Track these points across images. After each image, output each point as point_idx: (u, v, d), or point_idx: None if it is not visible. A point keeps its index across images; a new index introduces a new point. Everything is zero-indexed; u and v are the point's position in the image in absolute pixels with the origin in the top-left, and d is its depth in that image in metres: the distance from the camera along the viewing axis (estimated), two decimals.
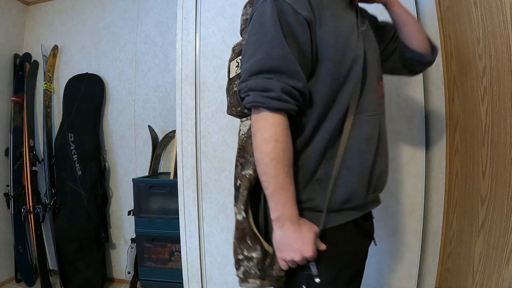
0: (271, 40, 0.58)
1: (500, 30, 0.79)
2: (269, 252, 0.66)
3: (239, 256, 0.69)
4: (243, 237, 0.68)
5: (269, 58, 0.58)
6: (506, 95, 0.78)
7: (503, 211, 0.79)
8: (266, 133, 0.57)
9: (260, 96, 0.57)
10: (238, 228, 0.68)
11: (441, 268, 1.17)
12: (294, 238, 0.60)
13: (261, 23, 0.60)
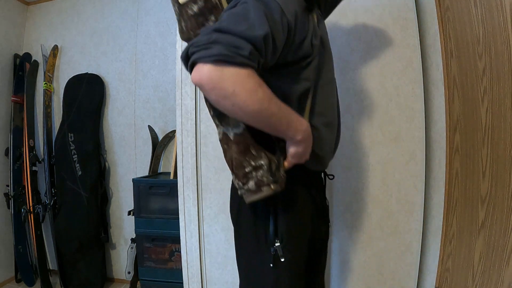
0: (253, 20, 0.56)
1: (500, 30, 0.79)
2: (271, 158, 0.69)
3: (246, 169, 0.68)
4: (247, 149, 0.68)
5: (250, 29, 0.55)
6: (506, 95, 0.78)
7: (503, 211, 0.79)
8: (248, 84, 0.55)
9: (228, 50, 0.53)
10: (239, 142, 0.68)
11: (441, 268, 1.17)
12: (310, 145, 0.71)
13: (245, 8, 0.59)
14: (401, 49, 1.29)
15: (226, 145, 0.72)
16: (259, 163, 0.67)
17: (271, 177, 0.67)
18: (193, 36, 0.69)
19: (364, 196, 1.32)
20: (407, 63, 1.29)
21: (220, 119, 0.72)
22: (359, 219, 1.33)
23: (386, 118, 1.31)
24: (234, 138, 0.69)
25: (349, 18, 1.32)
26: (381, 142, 1.31)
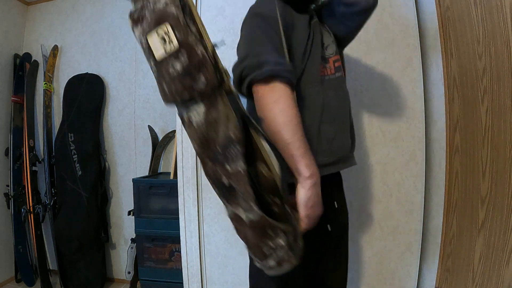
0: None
1: (500, 30, 0.79)
2: (288, 231, 0.64)
3: (266, 251, 0.64)
4: (263, 231, 0.62)
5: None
6: (506, 95, 0.78)
7: (503, 211, 0.79)
8: (284, 103, 0.65)
9: (276, 68, 0.64)
10: (255, 227, 0.63)
11: (441, 268, 1.17)
12: (319, 194, 0.67)
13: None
14: (401, 49, 1.29)
15: (237, 224, 0.67)
16: (278, 243, 0.62)
17: (291, 253, 0.63)
18: (180, 100, 0.59)
19: (364, 196, 1.32)
20: (407, 63, 1.28)
21: (228, 199, 0.67)
22: (359, 219, 1.33)
23: (386, 118, 1.31)
24: (250, 224, 0.64)
25: None
26: (381, 142, 1.31)
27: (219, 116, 0.60)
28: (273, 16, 0.72)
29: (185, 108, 0.61)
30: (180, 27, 0.58)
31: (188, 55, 0.57)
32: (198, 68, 0.57)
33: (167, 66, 0.58)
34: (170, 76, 0.58)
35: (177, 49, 0.57)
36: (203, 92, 0.58)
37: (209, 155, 0.64)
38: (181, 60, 0.57)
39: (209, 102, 0.59)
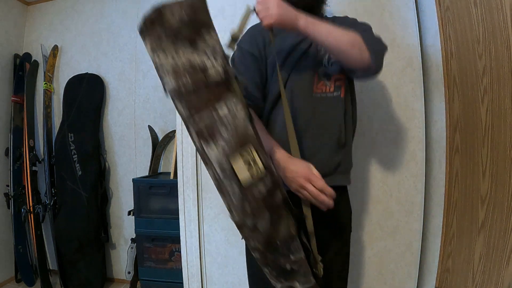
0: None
1: (500, 30, 0.79)
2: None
3: None
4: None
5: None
6: (506, 95, 0.78)
7: (503, 211, 0.79)
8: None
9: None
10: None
11: (441, 268, 1.17)
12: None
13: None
14: (401, 49, 1.29)
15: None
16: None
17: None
18: (255, 215, 0.61)
19: (364, 196, 1.32)
20: (407, 63, 1.28)
21: (286, 278, 0.70)
22: (359, 219, 1.33)
23: (386, 118, 1.31)
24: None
25: None
26: (381, 142, 1.31)
27: (281, 219, 0.65)
28: (247, 50, 0.87)
29: (260, 220, 0.63)
30: (260, 148, 0.59)
31: (270, 176, 0.60)
32: (277, 186, 0.61)
33: (252, 190, 0.59)
34: (255, 198, 0.59)
35: (263, 174, 0.58)
36: (277, 207, 0.62)
37: (271, 250, 0.66)
38: (266, 182, 0.59)
39: (276, 213, 0.64)
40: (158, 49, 0.55)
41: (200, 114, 0.56)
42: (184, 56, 0.55)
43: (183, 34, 0.55)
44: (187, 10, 0.55)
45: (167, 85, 0.57)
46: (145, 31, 0.57)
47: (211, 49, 0.57)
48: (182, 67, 0.55)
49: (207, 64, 0.56)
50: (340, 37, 0.76)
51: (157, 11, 0.56)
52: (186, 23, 0.55)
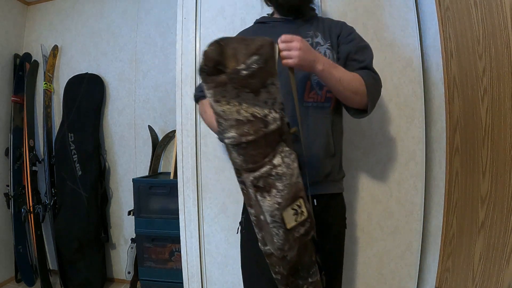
0: None
1: (500, 30, 0.79)
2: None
3: None
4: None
5: None
6: (506, 95, 0.78)
7: (503, 211, 0.79)
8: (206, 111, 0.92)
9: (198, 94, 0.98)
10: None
11: (441, 268, 1.17)
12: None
13: None
14: (401, 49, 1.29)
15: None
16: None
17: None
18: (290, 251, 0.67)
19: (364, 196, 1.32)
20: (407, 63, 1.28)
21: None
22: (359, 219, 1.33)
23: (386, 118, 1.31)
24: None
25: (349, 18, 1.32)
26: (381, 142, 1.31)
27: (307, 249, 0.71)
28: None
29: (290, 252, 0.68)
30: (305, 197, 0.64)
31: (310, 220, 0.66)
32: (313, 227, 0.67)
33: (294, 232, 0.64)
34: (294, 238, 0.64)
35: (305, 218, 0.64)
36: (306, 241, 0.69)
37: (292, 273, 0.71)
38: (306, 225, 0.65)
39: (304, 245, 0.70)
40: (223, 100, 0.54)
41: (257, 166, 0.58)
42: (248, 109, 0.55)
43: (249, 87, 0.55)
44: (258, 60, 0.54)
45: (227, 134, 0.57)
46: (207, 76, 0.55)
47: (272, 99, 0.58)
48: (246, 119, 0.56)
49: (268, 114, 0.58)
50: (347, 84, 0.82)
51: (219, 49, 0.55)
52: (254, 74, 0.54)
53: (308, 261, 0.73)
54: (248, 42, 0.57)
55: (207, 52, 0.56)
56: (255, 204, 0.63)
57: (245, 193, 0.65)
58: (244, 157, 0.58)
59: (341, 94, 0.85)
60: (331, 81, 0.81)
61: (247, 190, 0.62)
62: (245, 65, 0.53)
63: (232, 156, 0.60)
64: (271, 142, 0.59)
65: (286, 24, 0.97)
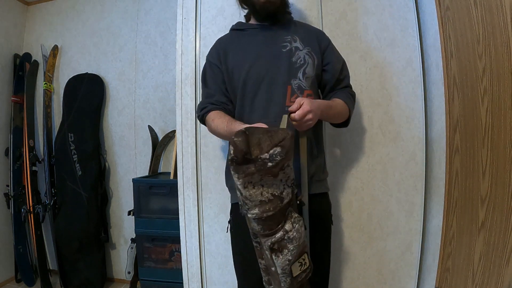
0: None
1: (500, 30, 0.79)
2: None
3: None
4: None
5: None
6: (506, 95, 0.78)
7: (503, 211, 0.79)
8: (213, 120, 0.97)
9: (203, 107, 1.01)
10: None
11: (441, 268, 1.17)
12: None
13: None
14: (401, 49, 1.29)
15: None
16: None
17: None
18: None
19: (364, 196, 1.32)
20: (407, 63, 1.29)
21: None
22: (359, 219, 1.33)
23: (386, 118, 1.31)
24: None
25: (349, 18, 1.32)
26: (381, 142, 1.31)
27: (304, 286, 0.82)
28: (212, 62, 1.02)
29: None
30: (308, 252, 0.76)
31: (311, 267, 0.77)
32: (311, 270, 0.78)
33: (298, 278, 0.74)
34: (297, 282, 0.74)
35: (308, 267, 0.76)
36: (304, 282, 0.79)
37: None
38: (307, 271, 0.76)
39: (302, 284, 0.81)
40: (249, 186, 0.66)
41: (273, 232, 0.70)
42: (268, 190, 0.68)
43: (272, 173, 0.67)
44: (281, 153, 0.64)
45: (252, 211, 0.69)
46: (238, 166, 0.65)
47: (287, 177, 0.69)
48: (267, 199, 0.68)
49: (283, 191, 0.70)
50: (338, 115, 0.98)
51: (246, 139, 0.65)
52: (277, 163, 0.65)
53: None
54: (271, 134, 0.67)
55: (236, 144, 0.65)
56: (267, 259, 0.74)
57: (258, 249, 0.77)
58: (262, 226, 0.70)
59: (329, 121, 1.02)
60: (328, 118, 0.96)
61: (262, 249, 0.75)
62: (269, 155, 0.65)
63: (251, 225, 0.72)
64: (284, 212, 0.71)
65: (264, 31, 1.01)
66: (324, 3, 1.32)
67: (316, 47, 1.00)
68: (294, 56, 0.95)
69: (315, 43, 1.00)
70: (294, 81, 0.94)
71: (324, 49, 1.02)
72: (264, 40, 0.98)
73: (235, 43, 1.02)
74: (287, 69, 0.94)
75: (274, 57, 0.95)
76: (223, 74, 1.00)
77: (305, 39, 0.99)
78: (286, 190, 0.70)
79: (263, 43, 0.98)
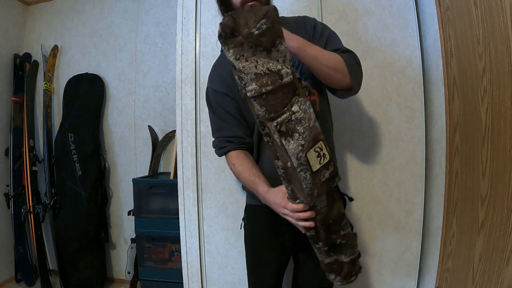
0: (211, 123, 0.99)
1: (500, 30, 0.79)
2: None
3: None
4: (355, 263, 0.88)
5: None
6: (506, 95, 0.78)
7: (503, 211, 0.79)
8: (235, 165, 0.93)
9: (221, 145, 0.95)
10: (353, 263, 0.86)
11: (441, 268, 1.17)
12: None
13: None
14: (401, 49, 1.29)
15: (336, 267, 0.85)
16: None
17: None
18: (319, 197, 0.74)
19: (364, 196, 1.32)
20: (407, 63, 1.29)
21: (335, 252, 0.84)
22: (359, 219, 1.33)
23: (386, 118, 1.31)
24: (350, 261, 0.86)
25: (349, 18, 1.32)
26: (381, 142, 1.31)
27: (335, 201, 0.80)
28: (220, 92, 0.94)
29: (320, 202, 0.76)
30: (325, 141, 0.71)
31: (333, 163, 0.72)
32: (336, 172, 0.73)
33: (320, 175, 0.70)
34: (321, 183, 0.71)
35: (328, 161, 0.71)
36: (332, 190, 0.76)
37: (324, 228, 0.79)
38: (330, 169, 0.71)
39: (331, 195, 0.78)
40: (241, 58, 0.65)
41: (278, 114, 0.67)
42: (264, 64, 0.65)
43: (262, 45, 0.65)
44: (267, 22, 0.64)
45: (249, 87, 0.66)
46: (226, 39, 0.64)
47: (283, 57, 0.67)
48: (263, 72, 0.65)
49: (281, 69, 0.67)
50: (325, 61, 0.82)
51: (233, 19, 0.64)
52: (264, 33, 0.64)
53: (338, 213, 0.80)
54: (256, 10, 0.66)
55: (223, 22, 0.64)
56: (281, 153, 0.70)
57: (271, 144, 0.72)
58: (265, 108, 0.66)
59: (320, 72, 0.83)
60: (307, 59, 0.81)
61: (273, 139, 0.69)
62: (257, 29, 0.63)
63: (254, 110, 0.69)
64: (287, 94, 0.67)
65: None
66: (324, 3, 1.32)
67: (305, 36, 0.92)
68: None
69: (304, 35, 0.93)
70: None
71: (312, 33, 0.95)
72: None
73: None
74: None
75: None
76: (236, 101, 0.93)
77: (294, 33, 0.95)
78: (284, 69, 0.66)
79: None
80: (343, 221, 0.83)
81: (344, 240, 0.83)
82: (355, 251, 0.86)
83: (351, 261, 0.85)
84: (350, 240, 0.84)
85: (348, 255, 0.84)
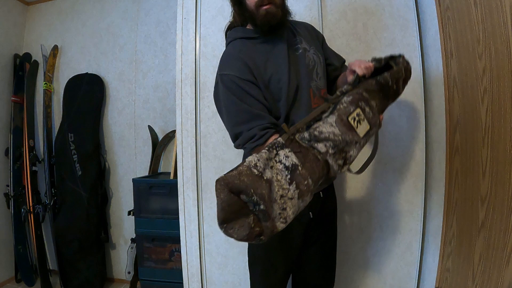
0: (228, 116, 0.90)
1: (500, 30, 0.79)
2: None
3: None
4: None
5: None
6: (506, 95, 0.78)
7: (503, 211, 0.79)
8: None
9: (252, 140, 0.86)
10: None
11: (441, 268, 1.17)
12: None
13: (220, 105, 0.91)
14: (401, 49, 1.29)
15: None
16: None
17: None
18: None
19: (364, 196, 1.32)
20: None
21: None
22: (359, 219, 1.33)
23: (386, 118, 1.31)
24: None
25: (349, 18, 1.32)
26: (381, 142, 1.31)
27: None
28: (244, 79, 0.88)
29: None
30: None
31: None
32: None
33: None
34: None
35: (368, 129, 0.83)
36: None
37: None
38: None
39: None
40: None
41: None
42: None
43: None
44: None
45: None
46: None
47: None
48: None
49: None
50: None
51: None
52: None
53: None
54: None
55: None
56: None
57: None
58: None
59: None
60: None
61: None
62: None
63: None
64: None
65: (275, 39, 0.95)
66: (324, 3, 1.32)
67: (318, 45, 1.02)
68: (306, 58, 0.96)
69: (316, 41, 1.02)
70: (312, 82, 0.95)
71: (321, 43, 1.05)
72: (283, 47, 0.94)
73: (260, 53, 0.93)
74: (306, 72, 0.94)
75: (295, 62, 0.94)
76: (260, 88, 0.90)
77: (307, 37, 1.00)
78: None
79: (283, 49, 0.94)
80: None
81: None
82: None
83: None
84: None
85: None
